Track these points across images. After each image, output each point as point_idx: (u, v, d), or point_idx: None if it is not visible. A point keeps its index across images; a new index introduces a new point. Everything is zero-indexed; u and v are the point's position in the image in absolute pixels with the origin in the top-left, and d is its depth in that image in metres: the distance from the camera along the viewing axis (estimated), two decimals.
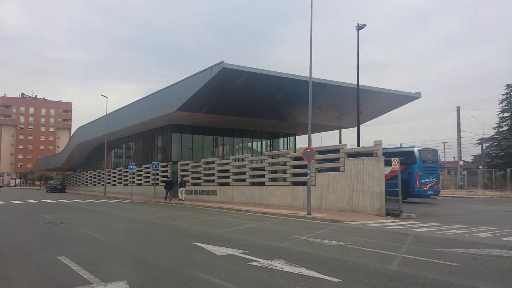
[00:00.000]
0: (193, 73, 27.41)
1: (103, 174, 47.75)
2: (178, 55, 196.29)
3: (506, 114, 49.84)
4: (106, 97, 42.00)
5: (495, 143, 51.85)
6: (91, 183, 56.72)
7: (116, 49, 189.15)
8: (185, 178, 32.37)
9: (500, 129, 50.61)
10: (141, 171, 39.97)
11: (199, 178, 31.17)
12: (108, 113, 42.22)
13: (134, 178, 39.41)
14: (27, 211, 20.70)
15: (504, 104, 49.87)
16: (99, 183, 51.97)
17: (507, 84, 49.78)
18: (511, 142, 48.35)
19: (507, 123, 49.93)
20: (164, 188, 31.08)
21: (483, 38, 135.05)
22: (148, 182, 38.11)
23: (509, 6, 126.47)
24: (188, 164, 32.80)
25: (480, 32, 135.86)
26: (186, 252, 8.75)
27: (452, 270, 7.03)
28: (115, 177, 47.56)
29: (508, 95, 49.59)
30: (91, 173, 57.34)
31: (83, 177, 61.82)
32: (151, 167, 34.16)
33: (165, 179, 32.60)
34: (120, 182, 45.81)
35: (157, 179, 35.51)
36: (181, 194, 29.94)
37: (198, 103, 28.50)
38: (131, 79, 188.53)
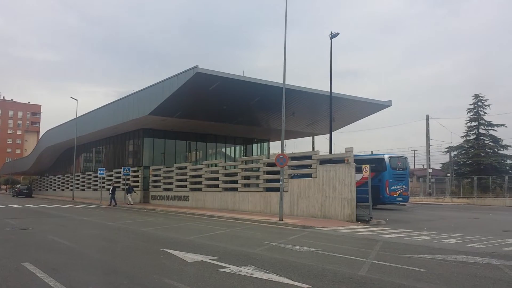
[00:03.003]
0: (167, 76, 27.22)
1: (72, 178, 46.64)
2: (151, 58, 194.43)
3: (473, 124, 51.22)
4: (76, 100, 41.22)
5: (463, 152, 53.24)
6: (59, 188, 55.30)
7: (87, 50, 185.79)
8: (157, 184, 32.26)
9: (468, 138, 51.97)
10: (111, 176, 39.24)
11: (171, 184, 30.87)
12: (78, 116, 41.34)
13: (104, 183, 38.65)
14: None
15: (471, 113, 51.28)
16: (68, 188, 50.75)
17: (475, 94, 51.24)
18: (478, 150, 49.75)
19: (474, 132, 51.34)
20: (109, 193, 31.01)
21: (452, 48, 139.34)
22: (119, 187, 37.40)
23: (477, 16, 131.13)
24: (160, 169, 32.45)
25: (450, 42, 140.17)
26: (155, 259, 8.60)
27: (419, 275, 7.15)
28: (84, 182, 46.54)
29: (475, 105, 51.02)
30: (59, 178, 55.91)
31: (51, 182, 60.21)
32: (121, 172, 33.60)
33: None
34: (90, 187, 44.84)
35: (128, 184, 34.95)
36: (129, 198, 30.74)
37: (171, 108, 28.26)
38: (102, 82, 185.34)
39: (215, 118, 32.06)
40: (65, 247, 10.37)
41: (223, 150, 41.65)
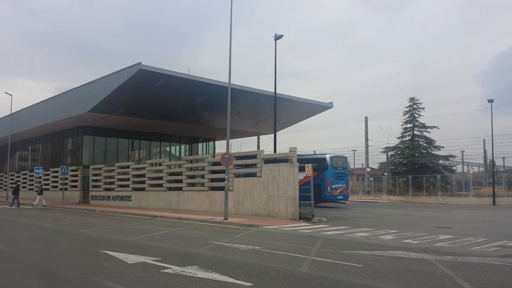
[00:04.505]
0: (109, 72, 26.37)
1: (6, 178, 44.00)
2: (95, 53, 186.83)
3: (409, 125, 53.82)
4: (11, 95, 38.90)
5: (399, 152, 55.87)
6: None
7: (23, 43, 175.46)
8: (97, 183, 31.41)
9: (404, 139, 54.56)
10: (48, 175, 37.44)
11: (112, 183, 29.97)
12: (12, 112, 39.05)
13: (40, 182, 36.81)
14: None
15: (407, 115, 53.87)
16: (1, 187, 47.82)
17: (410, 97, 53.92)
18: (413, 151, 52.38)
19: (409, 133, 53.97)
20: (12, 193, 29.90)
21: (391, 52, 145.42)
22: (56, 187, 35.83)
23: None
24: (100, 168, 31.39)
25: (390, 46, 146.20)
26: (94, 261, 8.33)
27: (356, 271, 7.44)
28: (19, 181, 44.00)
29: (411, 108, 53.65)
30: None
31: None
32: (59, 171, 32.20)
33: (14, 185, 31.65)
34: (25, 187, 42.45)
35: (66, 183, 33.53)
36: (41, 200, 29.79)
37: (113, 105, 27.40)
38: (40, 77, 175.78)
39: (160, 116, 31.48)
40: None
41: (167, 149, 40.99)
